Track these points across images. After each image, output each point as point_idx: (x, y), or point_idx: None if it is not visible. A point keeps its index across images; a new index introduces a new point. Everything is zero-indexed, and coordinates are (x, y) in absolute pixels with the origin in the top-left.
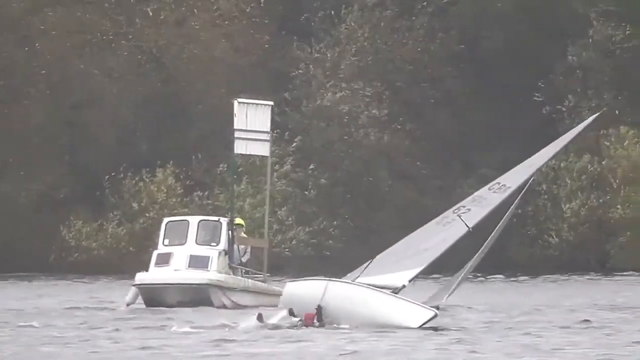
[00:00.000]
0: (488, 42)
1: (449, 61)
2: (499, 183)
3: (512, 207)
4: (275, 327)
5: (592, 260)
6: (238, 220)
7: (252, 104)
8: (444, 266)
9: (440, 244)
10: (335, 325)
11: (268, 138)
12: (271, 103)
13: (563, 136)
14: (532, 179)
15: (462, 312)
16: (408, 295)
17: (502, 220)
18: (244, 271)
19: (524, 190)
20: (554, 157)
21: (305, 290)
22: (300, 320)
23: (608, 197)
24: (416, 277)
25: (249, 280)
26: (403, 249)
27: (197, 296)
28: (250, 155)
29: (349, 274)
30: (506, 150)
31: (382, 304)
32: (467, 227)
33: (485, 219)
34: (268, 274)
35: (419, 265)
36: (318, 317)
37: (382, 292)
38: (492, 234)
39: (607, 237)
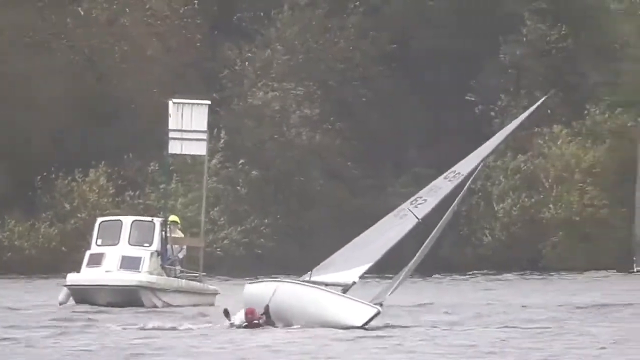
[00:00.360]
0: (420, 41)
1: (381, 60)
2: (454, 171)
3: (454, 204)
4: (235, 327)
5: (524, 259)
6: (173, 218)
7: (188, 103)
8: (388, 264)
9: (391, 239)
10: (283, 324)
11: (205, 137)
12: (208, 102)
13: (509, 125)
14: (480, 165)
15: (399, 312)
16: (355, 293)
17: (443, 219)
18: (178, 271)
19: (470, 181)
20: (501, 143)
21: (259, 290)
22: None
23: (541, 196)
24: (365, 273)
25: (182, 280)
26: (354, 246)
27: (127, 297)
28: (184, 154)
29: (304, 275)
30: (438, 149)
31: (327, 303)
32: (417, 218)
33: (432, 217)
34: (204, 273)
35: (369, 261)
36: (266, 317)
37: (326, 290)
38: (433, 232)
39: (539, 237)
